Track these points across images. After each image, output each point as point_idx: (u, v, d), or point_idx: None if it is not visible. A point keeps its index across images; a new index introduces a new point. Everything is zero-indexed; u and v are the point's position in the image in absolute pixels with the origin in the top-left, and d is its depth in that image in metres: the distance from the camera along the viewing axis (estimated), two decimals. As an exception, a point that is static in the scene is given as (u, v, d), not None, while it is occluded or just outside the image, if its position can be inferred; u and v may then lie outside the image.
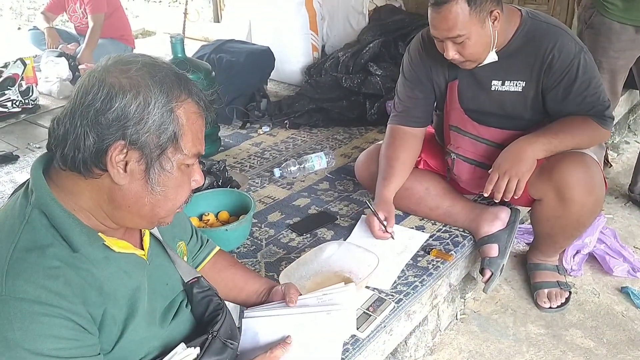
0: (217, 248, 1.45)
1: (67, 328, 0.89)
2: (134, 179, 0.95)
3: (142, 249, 1.09)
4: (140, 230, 1.11)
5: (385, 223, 1.99)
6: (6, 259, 0.89)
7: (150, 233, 1.12)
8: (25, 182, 1.01)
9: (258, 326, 1.31)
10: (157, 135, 0.93)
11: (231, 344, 1.14)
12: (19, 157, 3.04)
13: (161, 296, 1.10)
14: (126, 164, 0.93)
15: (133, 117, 0.91)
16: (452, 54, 1.82)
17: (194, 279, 1.18)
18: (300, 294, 1.39)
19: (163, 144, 0.94)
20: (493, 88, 1.95)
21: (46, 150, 0.99)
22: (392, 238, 2.02)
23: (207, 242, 1.44)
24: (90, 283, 0.93)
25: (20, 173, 2.83)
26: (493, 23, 1.79)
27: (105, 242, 0.98)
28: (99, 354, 0.95)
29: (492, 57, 1.87)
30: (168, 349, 1.07)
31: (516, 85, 1.92)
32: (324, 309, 1.32)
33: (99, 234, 0.98)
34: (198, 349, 1.08)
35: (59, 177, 0.97)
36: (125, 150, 0.92)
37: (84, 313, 0.91)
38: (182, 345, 1.07)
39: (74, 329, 0.90)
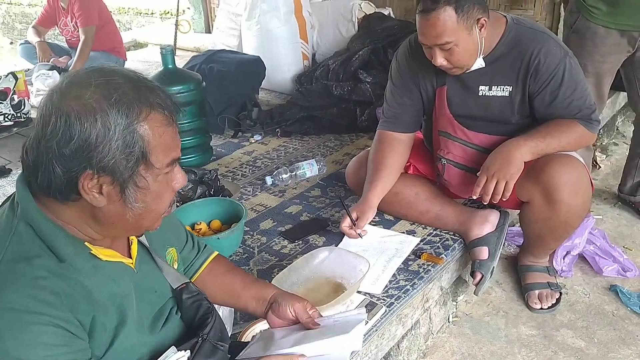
0: (215, 254, 1.43)
1: (57, 335, 0.90)
2: (111, 200, 0.95)
3: (130, 257, 1.10)
4: (128, 238, 1.12)
5: (355, 222, 2.04)
6: None
7: (138, 241, 1.13)
8: (11, 195, 1.02)
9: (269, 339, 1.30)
10: (124, 158, 0.91)
11: (221, 346, 1.15)
12: (11, 170, 3.05)
13: (149, 304, 1.11)
14: (101, 187, 0.93)
15: (96, 145, 0.89)
16: (440, 60, 1.85)
17: (182, 285, 1.18)
18: (315, 309, 1.34)
19: (132, 165, 0.93)
20: (480, 93, 1.98)
21: None
22: (360, 237, 2.05)
23: (205, 248, 1.42)
24: (78, 292, 0.94)
25: (12, 187, 2.81)
26: (480, 30, 1.82)
27: (91, 251, 0.99)
28: (90, 358, 0.96)
29: (479, 63, 1.90)
30: (158, 355, 1.07)
31: (503, 90, 1.95)
32: (345, 328, 1.27)
33: (85, 243, 0.99)
34: (188, 352, 1.09)
35: (41, 195, 0.97)
36: (96, 177, 0.91)
37: (73, 320, 0.92)
38: (173, 348, 1.08)
39: (63, 335, 0.91)
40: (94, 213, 0.96)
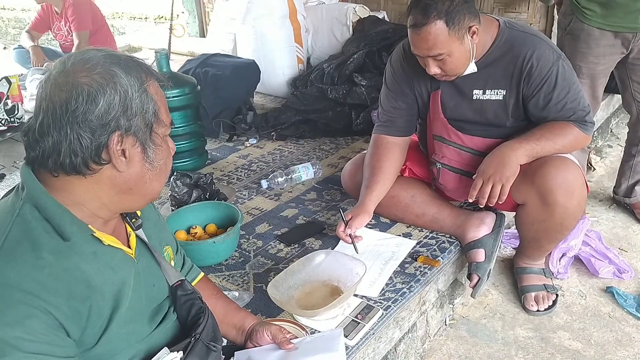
0: (201, 275, 1.45)
1: (41, 321, 0.89)
2: (132, 163, 1.00)
3: (129, 247, 1.11)
4: (126, 230, 1.13)
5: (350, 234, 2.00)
6: None
7: (136, 235, 1.14)
8: (15, 186, 1.03)
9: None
10: (142, 117, 0.99)
11: (214, 346, 1.15)
12: (5, 175, 3.03)
13: (147, 297, 1.11)
14: (124, 151, 0.98)
15: (119, 107, 0.96)
16: (433, 70, 1.86)
17: (178, 282, 1.19)
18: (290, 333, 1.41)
19: (149, 122, 1.01)
20: (474, 97, 1.98)
21: None
22: (356, 251, 1.97)
23: (192, 267, 1.44)
24: (77, 277, 0.95)
25: (6, 191, 2.81)
26: (472, 37, 1.82)
27: (94, 234, 1.00)
28: (74, 357, 0.94)
29: (471, 68, 1.90)
30: (153, 353, 1.08)
31: (497, 93, 1.95)
32: (327, 345, 1.37)
33: (89, 226, 1.00)
34: (181, 353, 1.09)
35: (48, 179, 0.98)
36: (121, 139, 0.97)
37: (66, 309, 0.92)
38: (166, 349, 1.08)
39: (47, 323, 0.90)
40: (113, 182, 1.00)
